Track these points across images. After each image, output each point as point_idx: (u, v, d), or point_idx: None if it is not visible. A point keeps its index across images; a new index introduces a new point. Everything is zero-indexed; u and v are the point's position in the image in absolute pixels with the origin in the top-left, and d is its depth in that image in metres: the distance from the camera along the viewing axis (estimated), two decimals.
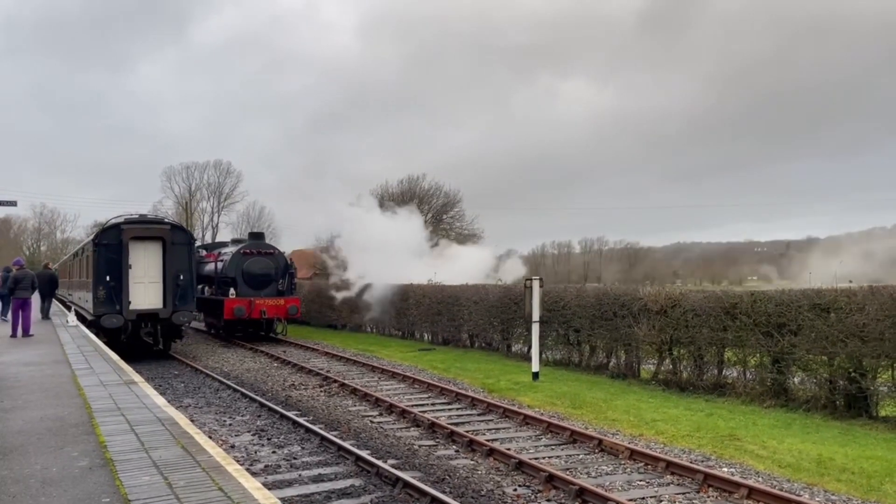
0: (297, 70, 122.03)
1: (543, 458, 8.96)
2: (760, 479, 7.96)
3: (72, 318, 20.44)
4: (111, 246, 18.83)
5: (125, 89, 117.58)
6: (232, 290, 23.84)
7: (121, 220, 19.87)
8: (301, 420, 11.09)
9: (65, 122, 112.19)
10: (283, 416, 11.55)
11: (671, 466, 8.30)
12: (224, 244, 30.01)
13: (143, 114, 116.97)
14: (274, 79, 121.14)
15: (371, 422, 11.32)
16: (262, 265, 24.80)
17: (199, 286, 25.92)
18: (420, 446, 9.67)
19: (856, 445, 9.29)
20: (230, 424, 11.19)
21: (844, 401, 11.17)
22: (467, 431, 10.09)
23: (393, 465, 8.50)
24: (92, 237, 20.76)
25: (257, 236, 27.71)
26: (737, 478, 7.80)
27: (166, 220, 22.22)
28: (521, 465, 8.42)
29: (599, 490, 7.33)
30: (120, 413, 7.79)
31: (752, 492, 7.30)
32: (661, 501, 7.30)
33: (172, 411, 8.04)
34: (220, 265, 25.50)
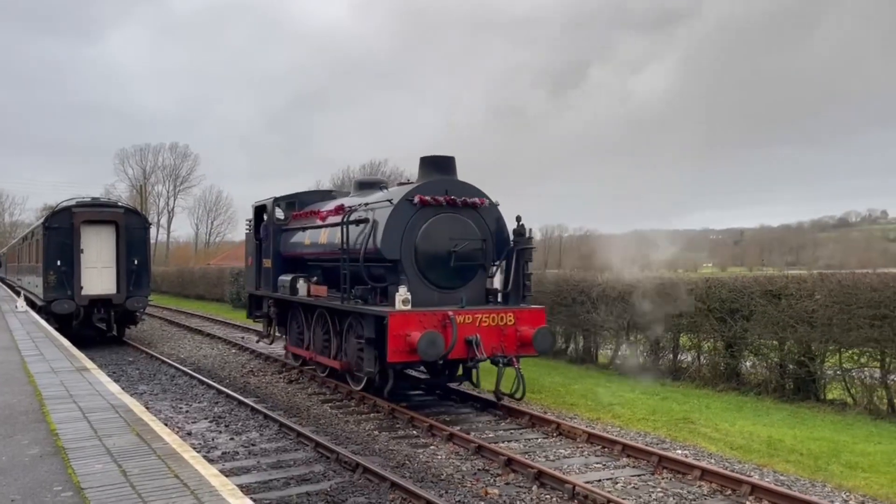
0: (282, 44, 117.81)
1: (503, 442, 9.04)
2: (713, 460, 8.17)
3: (21, 304, 19.90)
4: (62, 230, 18.38)
5: (90, 60, 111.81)
6: (402, 291, 10.12)
7: (72, 203, 19.40)
8: (259, 407, 10.99)
9: (19, 95, 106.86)
10: (241, 403, 11.43)
11: (627, 449, 8.45)
12: (326, 193, 15.44)
13: (110, 88, 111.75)
14: (257, 53, 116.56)
15: (331, 408, 11.27)
16: (462, 231, 10.86)
17: (287, 278, 13.42)
18: (380, 432, 9.68)
19: (804, 427, 9.59)
20: (187, 411, 11.03)
21: (794, 384, 11.50)
22: (427, 416, 10.12)
23: (353, 451, 8.49)
24: (42, 220, 20.22)
25: (440, 165, 11.21)
26: (690, 459, 7.98)
27: (120, 204, 21.71)
28: (480, 450, 8.48)
29: (557, 473, 7.43)
30: (72, 400, 7.62)
31: (704, 473, 7.48)
32: (617, 483, 7.44)
33: (127, 398, 7.90)
34: (353, 232, 11.16)
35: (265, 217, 15.29)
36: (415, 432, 9.64)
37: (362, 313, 10.69)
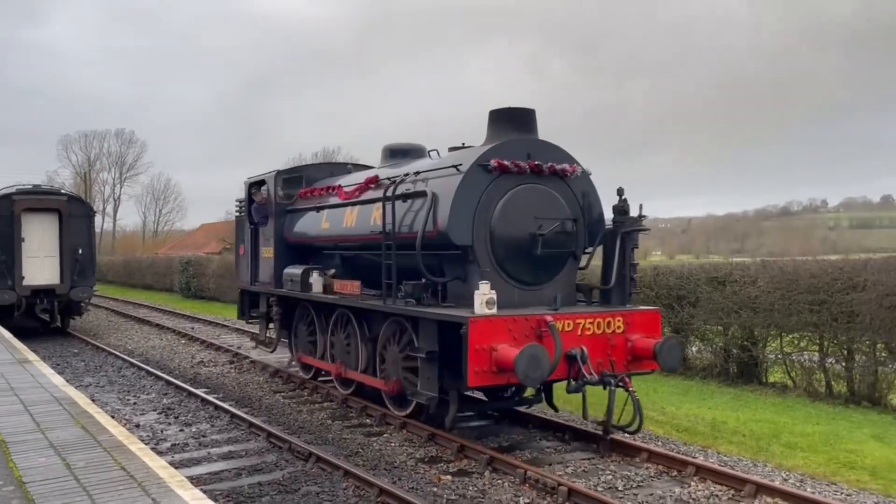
0: (234, 26, 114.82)
1: (456, 428, 9.10)
2: (659, 443, 8.38)
3: None
4: (2, 218, 17.77)
5: (33, 41, 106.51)
6: (484, 288, 7.49)
7: (12, 190, 18.76)
8: (210, 397, 10.85)
9: None
10: (190, 394, 11.26)
11: (579, 434, 8.60)
12: (340, 166, 13.34)
13: (53, 71, 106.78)
14: (206, 34, 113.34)
15: (283, 398, 11.19)
16: (548, 207, 8.43)
17: (296, 270, 11.07)
18: (334, 421, 9.65)
19: (746, 410, 9.91)
20: (134, 403, 10.82)
21: (737, 368, 11.87)
22: (380, 405, 10.12)
23: (305, 441, 8.45)
24: None
25: (519, 120, 8.66)
26: (638, 442, 8.17)
27: (63, 191, 21.07)
28: (433, 437, 8.53)
29: (509, 458, 7.53)
30: (13, 393, 7.41)
31: (651, 455, 7.68)
32: (568, 467, 7.58)
33: (71, 390, 7.72)
34: (400, 210, 8.74)
35: (262, 196, 12.64)
36: (368, 421, 9.64)
37: (417, 318, 8.24)
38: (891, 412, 9.78)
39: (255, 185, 13.02)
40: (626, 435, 8.11)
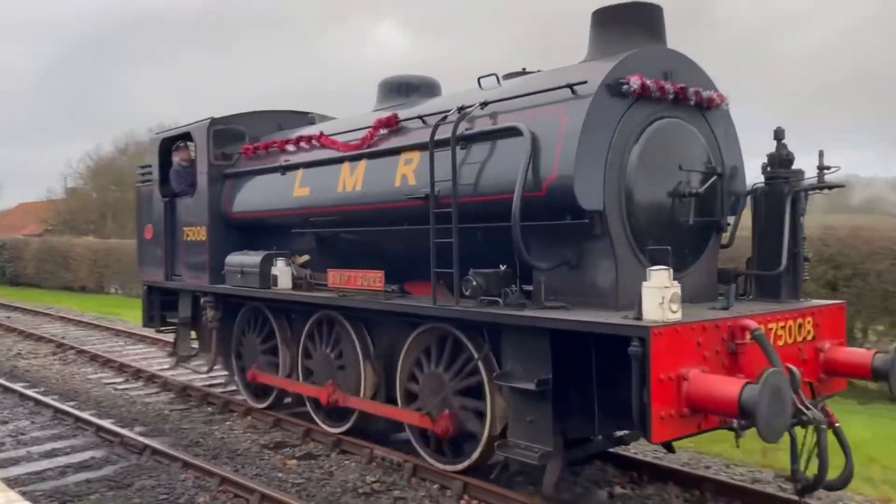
0: None
1: (302, 413, 8.99)
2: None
3: None
4: None
5: None
6: (662, 277, 4.57)
7: None
8: (30, 392, 9.99)
9: None
10: (7, 389, 10.31)
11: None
12: (297, 115, 9.42)
13: None
14: None
15: (115, 389, 10.53)
16: (696, 153, 5.74)
17: (250, 258, 7.95)
18: (171, 411, 9.22)
19: None
20: None
21: None
22: (222, 393, 9.80)
23: (140, 433, 8.03)
24: None
25: (642, 20, 5.60)
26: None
27: None
28: (279, 422, 8.39)
29: (355, 439, 7.54)
30: None
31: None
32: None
33: None
34: (462, 160, 5.76)
35: (188, 156, 9.42)
36: (210, 409, 9.30)
37: (502, 326, 5.37)
38: None
39: (171, 142, 9.75)
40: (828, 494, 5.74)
